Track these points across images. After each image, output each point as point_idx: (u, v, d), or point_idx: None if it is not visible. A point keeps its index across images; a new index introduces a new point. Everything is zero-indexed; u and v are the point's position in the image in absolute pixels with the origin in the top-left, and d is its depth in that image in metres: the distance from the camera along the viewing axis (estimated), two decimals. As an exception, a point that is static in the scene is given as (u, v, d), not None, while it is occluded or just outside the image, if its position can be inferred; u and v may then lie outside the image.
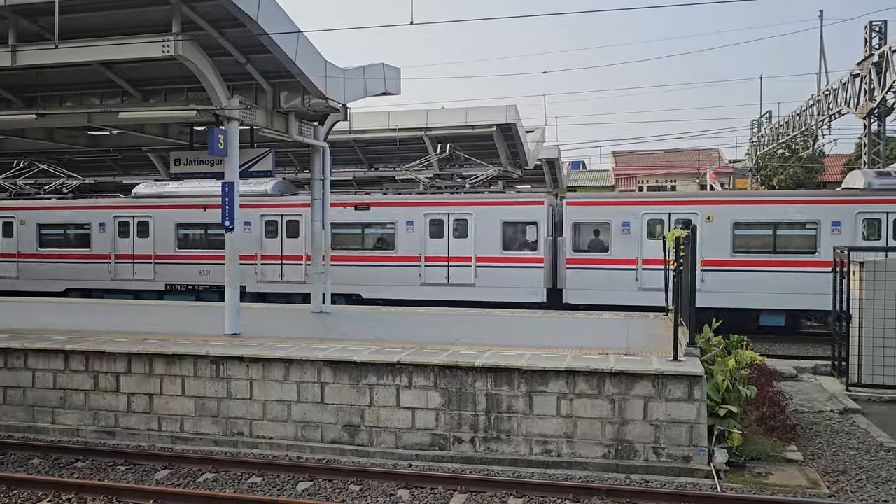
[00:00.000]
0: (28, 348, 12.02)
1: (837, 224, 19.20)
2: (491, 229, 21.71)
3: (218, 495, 8.79)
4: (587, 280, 21.02)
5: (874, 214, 19.08)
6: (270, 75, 14.38)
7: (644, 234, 20.67)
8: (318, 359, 10.85)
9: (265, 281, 23.55)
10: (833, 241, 18.40)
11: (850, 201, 19.50)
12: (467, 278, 21.88)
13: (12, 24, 12.60)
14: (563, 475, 9.78)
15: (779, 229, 19.75)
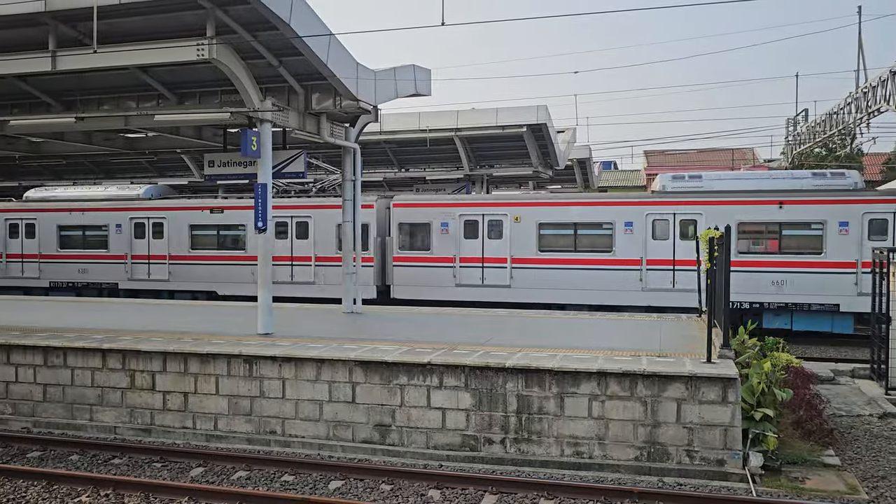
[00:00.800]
0: (67, 347, 12.28)
1: (630, 225, 20.67)
2: (330, 230, 23.38)
3: (251, 493, 8.89)
4: (412, 277, 22.53)
5: (662, 215, 20.46)
6: (302, 77, 14.51)
7: (461, 233, 22.09)
8: (349, 359, 10.92)
9: (136, 279, 25.77)
10: (626, 241, 20.50)
11: (641, 203, 20.97)
12: (308, 276, 23.79)
13: (52, 29, 12.88)
14: (595, 477, 9.72)
15: (579, 229, 21.24)
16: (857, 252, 19.04)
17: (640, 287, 20.58)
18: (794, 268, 19.51)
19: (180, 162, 29.92)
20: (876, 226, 19.03)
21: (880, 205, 19.13)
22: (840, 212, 19.21)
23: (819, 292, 19.28)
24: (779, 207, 19.50)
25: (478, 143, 27.26)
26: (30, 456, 10.89)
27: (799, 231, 19.64)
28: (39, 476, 9.62)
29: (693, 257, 15.69)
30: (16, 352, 12.58)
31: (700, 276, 15.11)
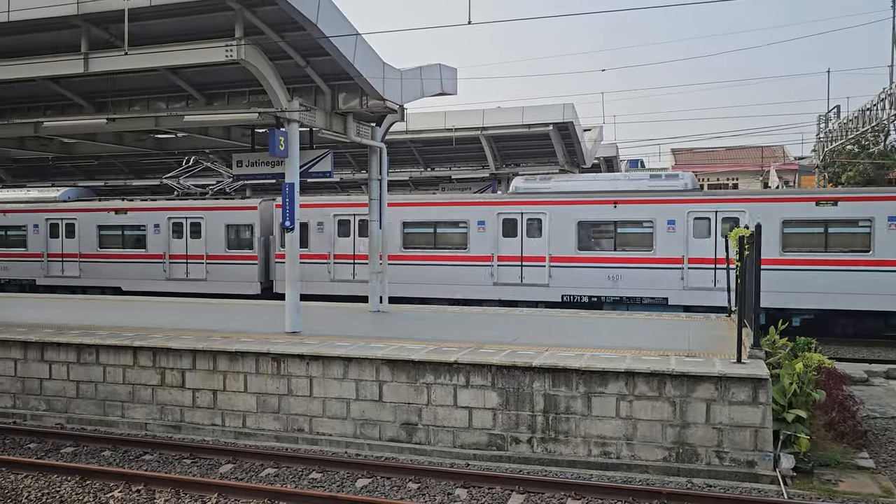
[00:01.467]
0: (100, 344, 12.48)
1: (482, 223, 22.01)
2: (220, 230, 25.24)
3: (280, 490, 8.96)
4: None
5: (511, 214, 21.66)
6: (329, 77, 14.59)
7: (335, 232, 23.64)
8: (376, 357, 10.96)
9: (52, 276, 27.51)
10: (480, 239, 21.88)
11: (493, 203, 22.23)
12: (201, 273, 25.56)
13: (85, 32, 13.10)
14: (623, 478, 9.65)
15: (438, 228, 22.57)
16: (684, 249, 20.08)
17: (491, 282, 21.84)
18: (627, 263, 20.70)
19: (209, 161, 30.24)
20: (700, 225, 20.15)
21: (704, 204, 20.28)
22: (668, 211, 20.33)
23: (650, 287, 20.48)
24: (613, 207, 20.69)
25: (504, 141, 27.20)
26: (63, 451, 11.09)
27: (632, 229, 20.82)
28: (73, 471, 9.80)
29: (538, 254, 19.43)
30: (49, 349, 12.82)
31: (730, 276, 14.94)
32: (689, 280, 20.08)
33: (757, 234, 10.38)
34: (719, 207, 20.04)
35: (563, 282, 21.16)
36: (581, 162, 28.21)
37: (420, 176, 29.97)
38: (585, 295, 20.92)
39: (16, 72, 13.82)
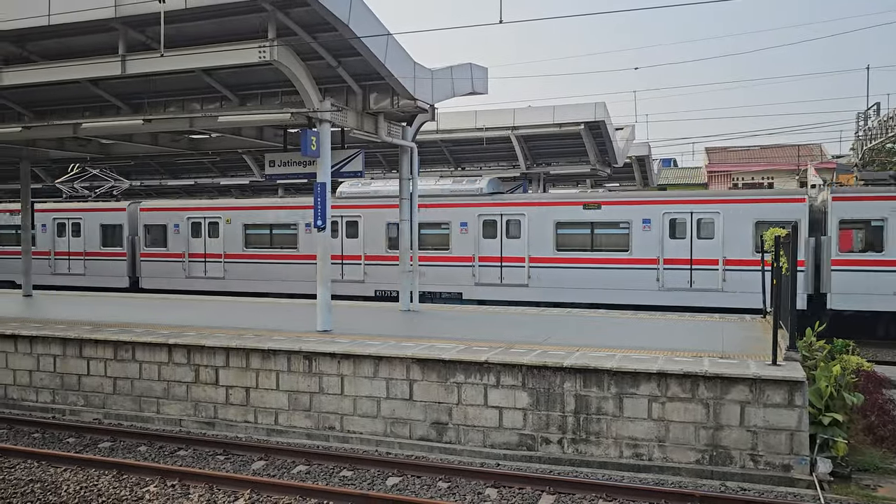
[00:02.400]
0: (136, 341, 12.70)
1: (308, 225, 23.94)
2: (96, 230, 27.74)
3: (312, 487, 9.04)
4: (156, 270, 26.74)
5: (333, 217, 22.67)
6: (360, 77, 14.66)
7: (190, 233, 26.20)
8: (406, 356, 11.00)
9: None
10: (306, 239, 24.09)
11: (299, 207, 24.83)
12: (80, 269, 28.06)
13: (122, 34, 13.33)
14: (655, 480, 9.56)
15: (274, 230, 25.20)
16: (475, 248, 22.22)
17: (306, 277, 23.72)
18: (430, 262, 22.28)
19: (241, 162, 30.64)
20: (488, 226, 22.23)
21: (489, 207, 22.28)
22: (462, 214, 22.47)
23: (447, 282, 22.59)
24: None
25: (534, 141, 27.08)
26: (101, 446, 11.31)
27: (432, 230, 22.69)
28: (110, 465, 9.99)
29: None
30: (87, 346, 13.08)
31: (764, 277, 14.72)
32: (479, 276, 22.17)
33: (793, 236, 10.21)
34: (504, 211, 22.13)
35: (378, 278, 23.49)
36: (612, 161, 27.97)
37: (450, 175, 29.96)
38: (393, 290, 22.28)
39: (57, 74, 14.12)
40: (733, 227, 19.64)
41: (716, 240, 19.88)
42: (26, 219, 21.40)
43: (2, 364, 13.80)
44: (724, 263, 19.69)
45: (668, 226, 20.40)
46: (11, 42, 14.28)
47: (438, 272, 22.61)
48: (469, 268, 22.32)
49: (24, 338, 13.59)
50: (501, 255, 21.93)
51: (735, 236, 19.60)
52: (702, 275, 20.08)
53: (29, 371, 13.58)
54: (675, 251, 20.30)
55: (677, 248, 20.30)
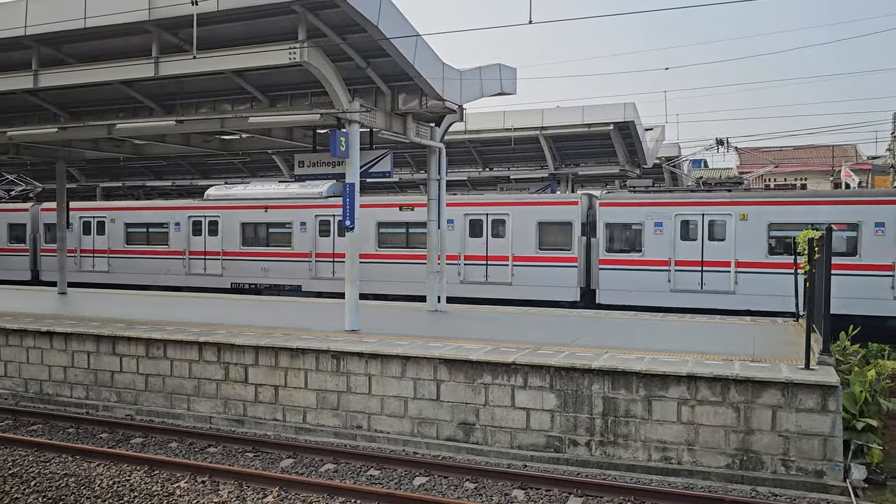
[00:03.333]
0: (167, 339, 12.88)
1: (178, 224, 26.91)
2: (3, 228, 30.07)
3: (339, 486, 9.09)
4: (52, 264, 27.29)
5: (198, 217, 26.45)
6: (389, 78, 14.72)
7: (81, 231, 28.42)
8: (434, 356, 11.01)
9: None
10: (177, 237, 26.67)
11: (185, 208, 27.03)
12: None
13: (156, 37, 13.53)
14: (684, 483, 9.46)
15: (151, 228, 27.41)
16: (313, 245, 24.23)
17: (184, 271, 26.57)
18: (275, 257, 24.86)
19: (271, 162, 30.93)
20: (323, 225, 24.33)
21: (323, 209, 24.23)
22: (302, 215, 24.62)
23: (289, 276, 24.72)
24: (265, 211, 25.30)
25: (563, 141, 26.97)
26: (133, 442, 11.49)
27: (279, 230, 25.06)
28: (142, 461, 10.15)
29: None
30: (120, 343, 13.30)
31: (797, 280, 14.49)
32: (316, 271, 24.24)
33: (827, 237, 10.04)
34: (335, 212, 23.78)
35: (234, 272, 25.63)
36: (642, 162, 27.76)
37: (478, 176, 29.96)
38: (248, 282, 25.36)
39: (92, 76, 14.38)
40: (519, 227, 21.90)
41: (505, 239, 21.91)
42: (61, 218, 21.82)
43: (37, 360, 14.09)
44: (513, 259, 21.84)
45: (468, 225, 22.53)
46: (48, 45, 14.57)
47: (283, 266, 24.85)
48: (308, 262, 24.57)
49: (59, 334, 13.87)
50: (333, 251, 23.87)
51: (521, 234, 21.86)
52: (472, 269, 22.53)
53: (64, 367, 13.85)
54: (475, 248, 22.37)
55: (476, 245, 22.40)
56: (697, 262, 19.68)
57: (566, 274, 21.18)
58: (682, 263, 19.89)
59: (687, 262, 19.84)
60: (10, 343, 14.34)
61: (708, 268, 19.61)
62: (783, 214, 19.10)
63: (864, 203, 18.50)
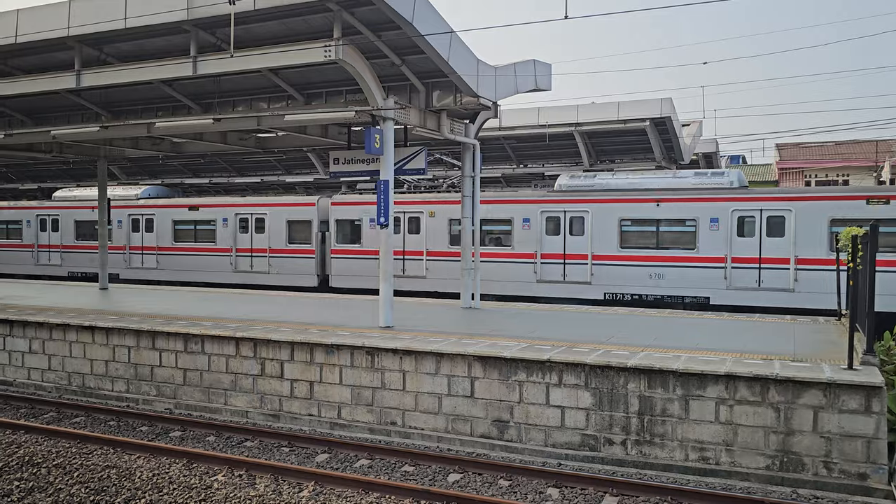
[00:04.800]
0: (205, 334, 13.07)
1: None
2: None
3: (374, 481, 9.14)
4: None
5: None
6: (423, 75, 14.73)
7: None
8: (468, 353, 11.00)
9: None
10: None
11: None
12: None
13: (194, 36, 13.72)
14: (722, 484, 9.32)
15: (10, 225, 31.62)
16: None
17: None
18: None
19: (306, 160, 31.18)
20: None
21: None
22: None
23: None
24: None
25: (598, 137, 26.72)
26: (172, 435, 11.69)
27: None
28: (181, 454, 10.32)
29: None
30: (160, 338, 13.53)
31: (839, 277, 14.16)
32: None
33: (873, 235, 9.79)
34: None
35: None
36: (679, 158, 27.37)
37: (513, 173, 29.84)
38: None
39: (132, 75, 14.64)
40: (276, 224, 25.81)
41: None
42: (103, 215, 22.27)
43: (80, 354, 14.42)
44: None
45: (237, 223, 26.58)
46: (90, 45, 14.87)
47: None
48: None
49: (100, 329, 14.16)
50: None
51: (275, 231, 25.93)
52: None
53: (105, 361, 14.15)
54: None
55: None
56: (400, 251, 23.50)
57: (307, 263, 25.35)
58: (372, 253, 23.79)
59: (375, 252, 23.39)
60: (54, 337, 14.70)
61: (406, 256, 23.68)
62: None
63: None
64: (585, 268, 21.07)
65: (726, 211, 19.57)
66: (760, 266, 19.26)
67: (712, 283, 19.64)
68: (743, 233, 19.42)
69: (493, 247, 22.37)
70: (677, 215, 20.12)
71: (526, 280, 21.89)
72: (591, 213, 21.04)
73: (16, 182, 38.46)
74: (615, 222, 20.72)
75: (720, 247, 19.54)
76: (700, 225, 19.72)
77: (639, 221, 20.58)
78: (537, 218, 21.74)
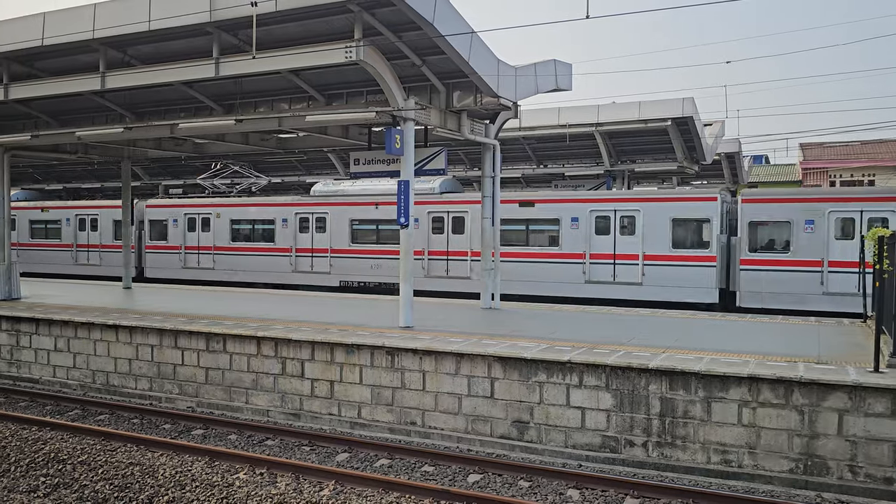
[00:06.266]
0: (227, 333, 13.18)
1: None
2: None
3: (394, 481, 9.15)
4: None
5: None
6: (444, 76, 14.74)
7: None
8: (488, 354, 10.99)
9: None
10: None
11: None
12: None
13: (216, 38, 13.84)
14: (745, 487, 9.23)
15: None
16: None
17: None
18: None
19: (327, 161, 31.33)
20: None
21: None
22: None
23: None
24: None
25: (619, 137, 26.58)
26: (194, 433, 11.80)
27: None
28: (203, 452, 10.40)
29: None
30: (182, 337, 13.66)
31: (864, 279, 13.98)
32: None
33: (899, 234, 9.64)
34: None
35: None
36: (701, 158, 27.14)
37: (532, 173, 29.78)
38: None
39: (156, 77, 14.80)
40: None
41: None
42: (126, 215, 22.53)
43: (104, 352, 14.60)
44: None
45: None
46: (114, 47, 15.05)
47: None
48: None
49: (124, 328, 14.33)
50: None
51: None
52: None
53: (129, 360, 14.31)
54: None
55: None
56: None
57: None
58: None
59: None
60: (79, 335, 14.89)
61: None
62: None
63: None
64: None
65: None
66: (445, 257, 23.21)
67: None
68: None
69: None
70: None
71: None
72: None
73: (42, 182, 39.04)
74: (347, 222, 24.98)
75: None
76: None
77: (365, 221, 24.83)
78: None
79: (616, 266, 21.34)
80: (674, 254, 20.61)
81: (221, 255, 28.02)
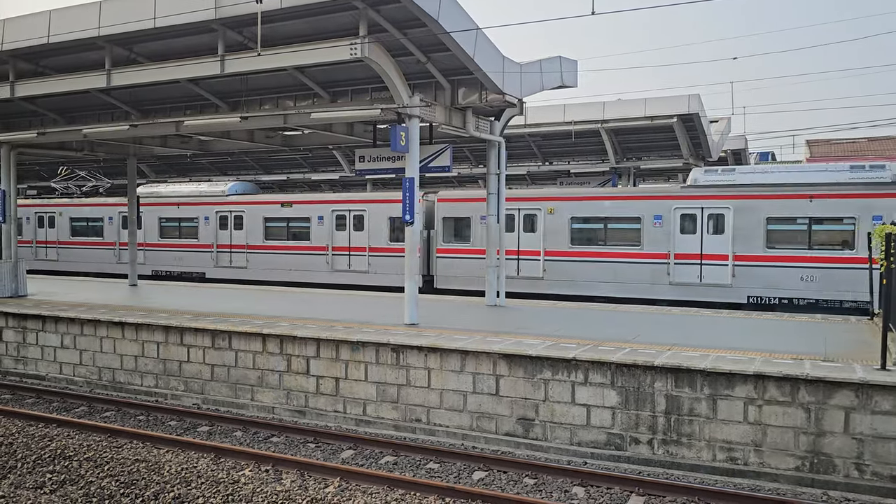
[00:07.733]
0: (232, 331, 13.20)
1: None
2: None
3: (399, 478, 9.16)
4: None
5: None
6: (449, 73, 14.71)
7: (225, 225, 29.56)
8: (493, 351, 10.98)
9: None
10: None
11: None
12: None
13: (221, 35, 13.84)
14: (750, 485, 9.20)
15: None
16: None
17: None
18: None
19: (332, 158, 31.34)
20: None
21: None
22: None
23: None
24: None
25: (625, 134, 26.52)
26: (200, 430, 11.82)
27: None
28: (208, 449, 10.43)
29: None
30: (188, 334, 13.69)
31: (872, 276, 13.92)
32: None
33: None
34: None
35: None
36: (707, 155, 27.06)
37: (538, 170, 29.74)
38: None
39: (161, 74, 14.82)
40: None
41: None
42: (132, 212, 22.58)
43: (111, 349, 14.64)
44: None
45: None
46: (120, 45, 15.08)
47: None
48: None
49: (130, 325, 14.37)
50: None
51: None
52: None
53: (135, 357, 14.35)
54: None
55: None
56: None
57: None
58: None
59: None
60: (86, 333, 14.94)
61: None
62: None
63: None
64: None
65: None
66: None
67: None
68: None
69: None
70: None
71: None
72: None
73: (48, 180, 39.17)
74: None
75: None
76: None
77: None
78: None
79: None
80: None
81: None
